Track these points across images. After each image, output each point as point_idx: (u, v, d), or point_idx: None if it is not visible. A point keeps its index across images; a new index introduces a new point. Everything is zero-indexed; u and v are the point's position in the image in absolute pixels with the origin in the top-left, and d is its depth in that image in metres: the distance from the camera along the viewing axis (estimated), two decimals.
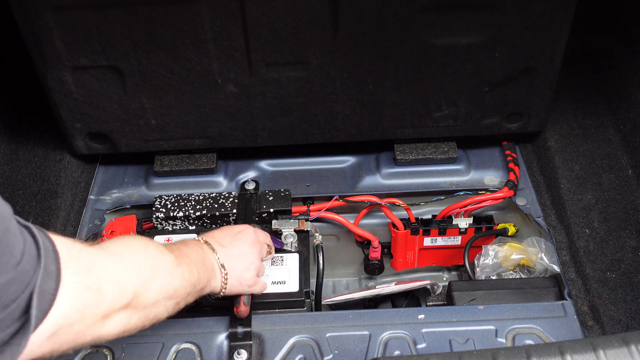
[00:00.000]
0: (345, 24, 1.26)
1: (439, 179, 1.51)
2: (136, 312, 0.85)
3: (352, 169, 1.54)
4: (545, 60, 1.37)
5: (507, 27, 1.30)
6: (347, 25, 1.27)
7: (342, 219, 1.41)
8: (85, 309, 0.76)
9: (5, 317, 0.64)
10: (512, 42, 1.32)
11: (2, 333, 0.65)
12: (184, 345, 1.17)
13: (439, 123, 1.47)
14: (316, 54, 1.32)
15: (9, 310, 0.64)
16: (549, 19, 1.29)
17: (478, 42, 1.32)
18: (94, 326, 0.79)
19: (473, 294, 1.27)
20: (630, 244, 1.33)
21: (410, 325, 1.19)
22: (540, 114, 1.48)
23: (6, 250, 0.64)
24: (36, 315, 0.67)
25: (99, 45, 1.28)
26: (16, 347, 0.66)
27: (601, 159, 1.49)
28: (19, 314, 0.66)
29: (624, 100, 1.53)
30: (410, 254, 1.48)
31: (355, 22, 1.26)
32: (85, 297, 0.76)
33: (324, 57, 1.32)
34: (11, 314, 0.65)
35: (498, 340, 1.16)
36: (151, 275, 0.88)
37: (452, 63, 1.35)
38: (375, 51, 1.32)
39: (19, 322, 0.66)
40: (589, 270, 1.30)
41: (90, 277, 0.78)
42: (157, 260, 0.92)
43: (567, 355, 0.82)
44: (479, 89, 1.41)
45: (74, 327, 0.76)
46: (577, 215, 1.39)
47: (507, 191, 1.43)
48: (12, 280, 0.64)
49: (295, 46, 1.30)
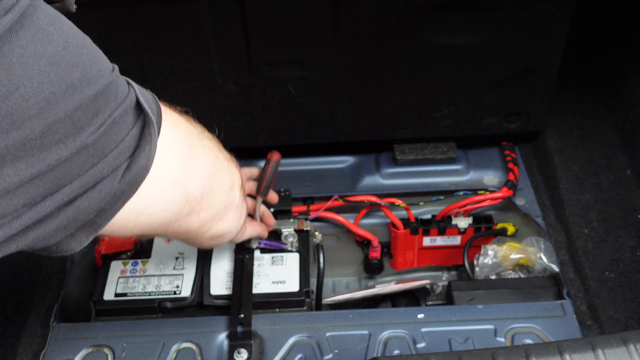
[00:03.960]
0: (345, 23, 1.27)
1: (439, 179, 1.51)
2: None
3: (352, 169, 1.55)
4: (544, 60, 1.37)
5: (507, 27, 1.30)
6: (347, 25, 1.27)
7: (341, 219, 1.41)
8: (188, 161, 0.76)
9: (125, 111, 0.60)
10: (512, 42, 1.33)
11: (130, 132, 0.61)
12: (185, 344, 1.17)
13: (438, 123, 1.47)
14: (316, 53, 1.32)
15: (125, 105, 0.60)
16: (548, 20, 1.30)
17: (477, 42, 1.32)
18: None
19: (472, 294, 1.28)
20: (629, 243, 1.34)
21: (409, 325, 1.19)
22: (539, 114, 1.48)
23: (100, 54, 0.60)
24: (155, 119, 0.64)
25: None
26: (149, 137, 0.62)
27: (600, 159, 1.50)
28: (132, 113, 0.61)
29: (623, 101, 1.53)
30: (410, 254, 1.48)
31: (355, 22, 1.27)
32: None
33: (324, 56, 1.32)
34: (127, 111, 0.60)
35: (497, 340, 1.16)
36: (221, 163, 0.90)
37: (451, 62, 1.36)
38: (375, 51, 1.32)
39: (139, 122, 0.62)
40: (587, 269, 1.30)
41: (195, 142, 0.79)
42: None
43: (566, 354, 0.82)
44: (479, 88, 1.41)
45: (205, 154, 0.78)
46: (576, 215, 1.40)
47: (507, 191, 1.44)
48: (115, 80, 0.60)
49: (295, 46, 1.30)
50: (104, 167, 0.58)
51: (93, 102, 0.55)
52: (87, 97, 0.54)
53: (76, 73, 0.53)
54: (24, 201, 0.51)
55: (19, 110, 0.48)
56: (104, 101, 0.57)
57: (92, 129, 0.55)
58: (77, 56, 0.54)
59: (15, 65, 0.48)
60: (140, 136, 0.62)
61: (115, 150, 0.58)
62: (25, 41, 0.49)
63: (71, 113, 0.52)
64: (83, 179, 0.56)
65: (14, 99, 0.48)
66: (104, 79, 0.58)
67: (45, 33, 0.50)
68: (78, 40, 0.55)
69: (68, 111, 0.52)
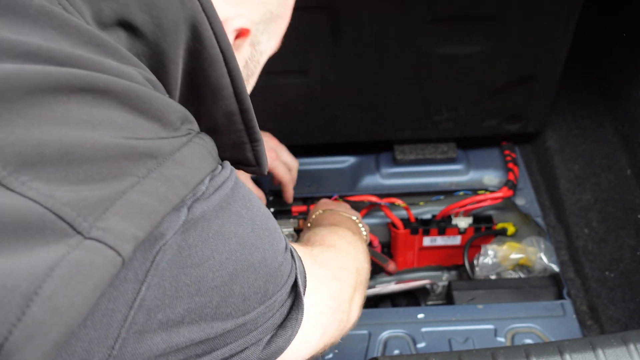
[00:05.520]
0: (345, 35, 1.26)
1: (439, 179, 1.51)
2: (361, 288, 0.89)
3: (352, 169, 1.55)
4: (546, 68, 1.36)
5: (509, 37, 1.29)
6: (348, 36, 1.26)
7: None
8: (337, 295, 0.79)
9: (282, 289, 0.63)
10: (514, 51, 1.32)
11: (281, 309, 0.64)
12: None
13: (438, 126, 1.47)
14: (316, 63, 1.32)
15: (286, 285, 0.64)
16: (552, 30, 1.29)
17: (479, 51, 1.32)
18: (347, 312, 0.82)
19: (472, 294, 1.28)
20: (629, 243, 1.34)
21: (409, 325, 1.19)
22: (540, 116, 1.48)
23: (278, 235, 0.64)
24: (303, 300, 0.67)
25: None
26: (294, 321, 0.66)
27: (600, 159, 1.50)
28: (289, 291, 0.66)
29: (623, 101, 1.53)
30: (410, 254, 1.48)
31: (356, 33, 1.26)
32: (334, 285, 0.79)
33: (324, 65, 1.32)
34: (285, 288, 0.64)
35: (497, 340, 1.16)
36: (355, 252, 0.93)
37: (452, 71, 1.35)
38: (375, 60, 1.32)
39: (290, 298, 0.66)
40: (587, 269, 1.30)
41: (329, 269, 0.81)
42: (352, 240, 0.97)
43: (566, 354, 0.82)
44: (480, 94, 1.41)
45: (336, 315, 0.79)
46: (576, 215, 1.40)
47: (507, 191, 1.43)
48: (284, 261, 0.64)
49: (295, 56, 1.30)
50: (251, 339, 0.61)
51: (264, 284, 0.59)
52: (260, 279, 0.58)
53: (257, 255, 0.58)
54: (183, 357, 0.55)
55: (205, 280, 0.52)
56: (273, 284, 0.61)
57: (258, 310, 0.59)
58: (260, 238, 0.59)
59: (210, 240, 0.53)
60: (287, 316, 0.65)
61: (265, 324, 0.62)
62: (223, 221, 0.54)
63: (245, 291, 0.57)
64: (233, 346, 0.59)
65: (203, 269, 0.52)
66: (277, 261, 0.62)
67: (239, 215, 0.56)
68: (263, 222, 0.60)
69: (243, 289, 0.57)
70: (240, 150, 0.64)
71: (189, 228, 0.51)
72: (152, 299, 0.49)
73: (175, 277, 0.50)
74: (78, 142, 0.46)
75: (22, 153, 0.43)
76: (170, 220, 0.49)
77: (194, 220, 0.51)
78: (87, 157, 0.46)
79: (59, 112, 0.46)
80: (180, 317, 0.51)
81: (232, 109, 0.61)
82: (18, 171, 0.43)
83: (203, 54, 0.58)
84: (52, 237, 0.42)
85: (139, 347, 0.49)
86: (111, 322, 0.47)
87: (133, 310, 0.48)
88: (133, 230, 0.45)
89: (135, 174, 0.47)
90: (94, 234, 0.43)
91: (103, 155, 0.46)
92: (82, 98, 0.47)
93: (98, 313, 0.46)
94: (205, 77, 0.60)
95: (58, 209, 0.43)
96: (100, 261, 0.43)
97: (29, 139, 0.44)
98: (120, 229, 0.44)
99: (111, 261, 0.43)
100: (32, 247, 0.41)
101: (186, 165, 0.51)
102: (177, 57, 0.58)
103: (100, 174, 0.46)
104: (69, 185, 0.44)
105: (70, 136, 0.46)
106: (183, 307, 0.51)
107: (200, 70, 0.59)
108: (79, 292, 0.42)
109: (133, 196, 0.46)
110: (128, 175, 0.47)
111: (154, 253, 0.48)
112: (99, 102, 0.48)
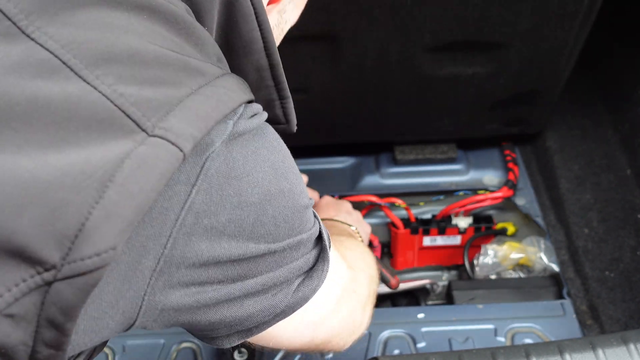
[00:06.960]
0: (346, 60, 1.26)
1: (439, 179, 1.51)
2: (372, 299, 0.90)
3: (352, 169, 1.55)
4: (549, 83, 1.36)
5: (513, 59, 1.28)
6: (349, 61, 1.26)
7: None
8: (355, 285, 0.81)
9: (309, 238, 0.66)
10: (518, 70, 1.31)
11: (307, 255, 0.66)
12: (185, 344, 1.17)
13: (439, 130, 1.48)
14: (317, 82, 1.32)
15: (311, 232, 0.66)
16: (557, 51, 1.27)
17: (482, 72, 1.31)
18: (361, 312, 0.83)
19: (472, 293, 1.28)
20: (629, 243, 1.34)
21: (409, 324, 1.19)
22: (540, 120, 1.48)
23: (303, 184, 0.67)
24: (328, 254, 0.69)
25: None
26: (320, 272, 0.68)
27: (600, 159, 1.50)
28: (314, 241, 0.68)
29: (622, 100, 1.54)
30: (410, 254, 1.48)
31: (357, 59, 1.26)
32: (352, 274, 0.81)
33: (324, 85, 1.32)
34: (310, 239, 0.67)
35: (497, 339, 1.16)
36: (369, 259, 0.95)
37: (454, 88, 1.35)
38: (377, 81, 1.32)
39: (315, 250, 0.68)
40: (587, 269, 1.30)
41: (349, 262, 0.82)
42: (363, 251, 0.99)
43: (566, 354, 0.82)
44: (481, 106, 1.41)
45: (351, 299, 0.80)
46: (576, 214, 1.40)
47: (507, 191, 1.44)
48: (309, 207, 0.67)
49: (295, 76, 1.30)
50: (280, 276, 0.63)
51: (292, 216, 0.62)
52: (289, 208, 0.61)
53: (286, 184, 0.61)
54: (221, 277, 0.58)
55: (245, 193, 0.56)
56: (300, 221, 0.63)
57: (287, 242, 0.62)
58: (289, 172, 0.62)
59: (250, 157, 0.57)
60: (313, 267, 0.68)
61: (293, 264, 0.65)
62: (258, 145, 0.58)
63: (277, 215, 0.60)
64: (264, 278, 0.62)
65: (244, 182, 0.56)
66: (303, 201, 0.64)
67: (272, 145, 0.60)
68: (291, 162, 0.64)
69: (275, 212, 0.59)
70: (270, 108, 0.67)
71: (232, 141, 0.55)
72: (200, 203, 0.53)
73: (221, 185, 0.54)
74: (142, 47, 0.52)
75: (96, 49, 0.50)
76: (219, 129, 0.54)
77: (237, 134, 0.55)
78: (150, 61, 0.51)
79: (123, 22, 0.52)
80: (222, 227, 0.55)
81: (262, 63, 0.65)
82: (93, 65, 0.49)
83: (235, 6, 0.62)
84: (121, 133, 0.48)
85: (187, 251, 0.54)
86: (165, 221, 0.51)
87: (184, 212, 0.52)
88: (191, 130, 0.50)
89: (189, 86, 0.52)
90: (157, 132, 0.48)
91: (163, 62, 0.52)
92: (139, 14, 0.54)
93: (155, 211, 0.50)
94: (237, 30, 0.63)
95: (127, 107, 0.48)
96: (164, 154, 0.48)
97: (101, 39, 0.50)
98: (180, 128, 0.49)
99: (174, 155, 0.48)
100: (103, 140, 0.47)
101: (229, 88, 0.56)
102: (213, 8, 0.62)
103: (162, 79, 0.51)
104: (135, 85, 0.49)
105: (135, 42, 0.52)
106: (225, 217, 0.55)
107: (233, 22, 0.63)
108: (148, 180, 0.47)
109: (189, 103, 0.51)
110: (184, 85, 0.52)
111: (204, 159, 0.52)
112: (153, 21, 0.54)
